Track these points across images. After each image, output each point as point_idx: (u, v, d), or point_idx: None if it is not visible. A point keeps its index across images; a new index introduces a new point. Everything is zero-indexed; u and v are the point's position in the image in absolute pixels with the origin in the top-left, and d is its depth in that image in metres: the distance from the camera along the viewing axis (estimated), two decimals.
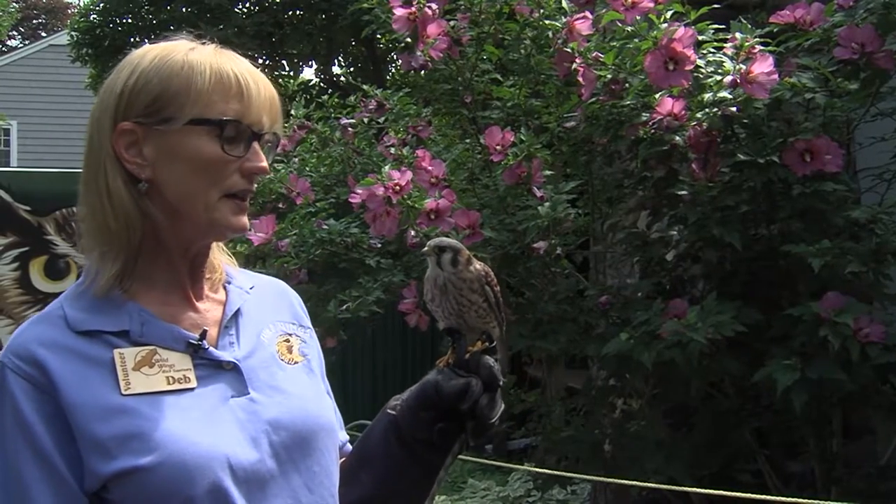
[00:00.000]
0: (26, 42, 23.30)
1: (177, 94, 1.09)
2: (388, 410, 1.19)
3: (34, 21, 26.60)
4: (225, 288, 1.20)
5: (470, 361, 1.15)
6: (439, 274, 1.18)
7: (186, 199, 1.10)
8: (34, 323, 1.10)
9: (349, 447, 1.31)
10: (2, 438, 1.03)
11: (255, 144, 1.13)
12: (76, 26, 11.81)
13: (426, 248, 1.19)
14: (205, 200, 1.10)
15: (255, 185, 1.16)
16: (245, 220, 1.14)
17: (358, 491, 1.20)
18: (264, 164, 1.14)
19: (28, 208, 7.32)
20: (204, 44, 1.15)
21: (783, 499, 2.33)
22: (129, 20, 11.27)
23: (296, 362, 1.20)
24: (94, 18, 11.40)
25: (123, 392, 1.04)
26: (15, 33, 24.57)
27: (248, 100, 1.11)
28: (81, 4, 13.58)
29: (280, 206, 3.96)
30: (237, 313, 1.17)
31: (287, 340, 1.21)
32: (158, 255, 1.13)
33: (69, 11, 24.72)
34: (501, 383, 1.15)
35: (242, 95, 1.11)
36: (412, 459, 1.16)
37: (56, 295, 1.16)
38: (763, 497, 2.33)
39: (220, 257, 1.22)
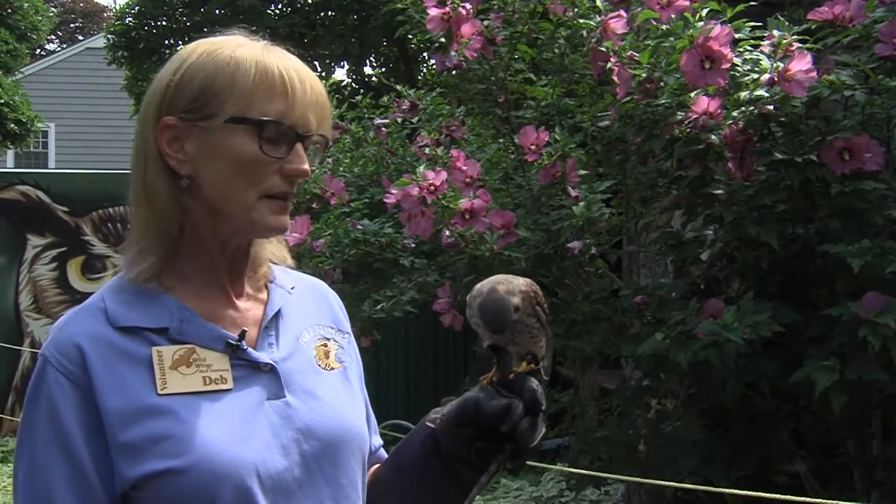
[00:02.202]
0: (64, 45, 23.67)
1: (220, 91, 1.07)
2: (428, 423, 1.17)
3: (71, 25, 27.03)
4: (267, 287, 1.19)
5: (514, 382, 1.12)
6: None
7: (225, 197, 1.08)
8: (75, 315, 1.09)
9: (383, 452, 1.30)
10: (34, 433, 1.04)
11: (298, 146, 1.10)
12: (112, 29, 11.99)
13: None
14: (243, 200, 1.08)
15: (295, 188, 1.13)
16: (286, 219, 1.11)
17: (391, 500, 1.19)
18: (305, 166, 1.10)
19: (66, 209, 7.45)
20: (256, 39, 1.13)
21: (821, 501, 2.30)
22: (164, 23, 11.42)
23: (332, 368, 1.18)
24: (130, 21, 11.56)
25: (159, 392, 1.04)
26: (53, 37, 24.98)
27: (292, 99, 1.08)
28: (117, 8, 13.77)
29: (314, 206, 3.99)
30: (278, 314, 1.16)
31: (325, 345, 1.19)
32: (199, 252, 1.12)
33: (105, 15, 25.09)
34: (544, 408, 1.12)
35: (287, 95, 1.08)
36: (448, 475, 1.14)
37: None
38: (801, 499, 2.31)
39: (266, 254, 1.20)
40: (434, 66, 4.50)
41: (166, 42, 11.20)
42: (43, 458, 1.02)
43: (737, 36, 2.65)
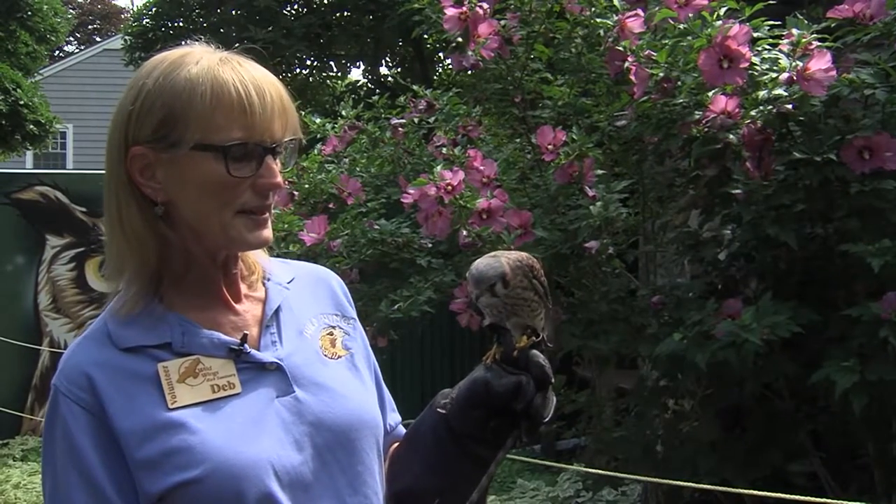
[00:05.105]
0: (82, 47, 23.83)
1: (179, 118, 1.07)
2: (438, 409, 1.17)
3: (89, 27, 27.20)
4: (264, 284, 1.20)
5: (519, 358, 1.12)
6: (496, 302, 1.13)
7: (202, 219, 1.09)
8: (82, 343, 1.11)
9: (402, 429, 1.30)
10: (53, 464, 1.06)
11: (268, 159, 1.09)
12: (129, 31, 12.10)
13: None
14: (219, 220, 1.09)
15: (272, 200, 1.13)
16: (265, 233, 1.12)
17: (409, 480, 1.18)
18: (276, 179, 1.10)
19: (84, 209, 7.48)
20: (214, 50, 1.12)
21: (840, 503, 2.28)
22: (181, 24, 11.50)
23: (339, 356, 1.19)
24: (147, 23, 11.65)
25: (170, 406, 1.05)
26: (71, 39, 25.15)
27: (251, 116, 1.07)
28: (134, 9, 13.86)
29: (331, 206, 4.00)
30: (277, 311, 1.17)
31: (331, 334, 1.21)
32: (190, 267, 1.13)
33: (123, 16, 25.25)
34: (553, 381, 1.12)
35: (246, 112, 1.07)
36: (464, 455, 1.14)
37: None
38: (819, 500, 2.29)
39: (255, 254, 1.21)
40: (450, 66, 4.50)
41: (183, 43, 11.25)
42: (64, 484, 1.05)
43: (755, 35, 2.64)
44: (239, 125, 1.07)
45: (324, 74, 12.33)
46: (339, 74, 12.58)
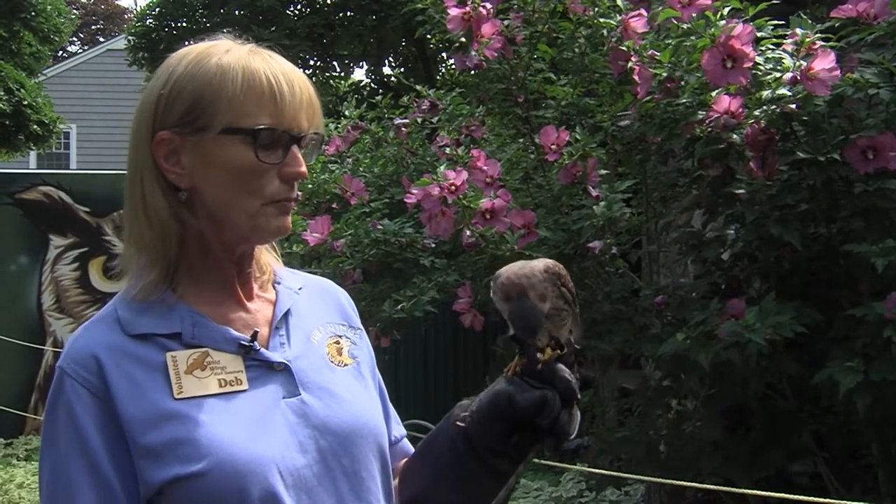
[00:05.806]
0: (85, 47, 23.86)
1: (210, 103, 1.08)
2: (458, 423, 1.15)
3: (93, 27, 27.24)
4: (274, 287, 1.20)
5: (544, 372, 1.09)
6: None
7: (227, 206, 1.10)
8: (90, 326, 1.11)
9: (407, 444, 1.30)
10: (55, 444, 1.05)
11: (294, 149, 1.10)
12: (133, 31, 12.12)
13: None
14: (246, 208, 1.09)
15: (297, 190, 1.14)
16: (288, 221, 1.13)
17: (424, 493, 1.18)
18: (303, 168, 1.11)
19: (87, 209, 7.51)
20: (242, 43, 1.13)
21: (843, 503, 2.28)
22: (184, 24, 11.51)
23: (345, 364, 1.19)
24: (150, 23, 11.67)
25: (176, 396, 1.05)
26: (75, 39, 25.18)
27: (281, 103, 1.08)
28: (138, 9, 13.88)
29: (334, 206, 4.00)
30: (287, 313, 1.17)
31: (337, 342, 1.20)
32: (206, 258, 1.13)
33: (126, 17, 25.28)
34: (579, 396, 1.10)
35: (276, 99, 1.08)
36: (484, 469, 1.13)
37: (113, 295, 1.17)
38: (822, 500, 2.29)
39: (267, 257, 1.22)
40: (453, 66, 4.51)
41: (186, 43, 11.26)
42: (65, 468, 1.04)
43: (759, 34, 2.64)
44: (269, 113, 1.08)
45: (327, 74, 12.34)
46: (343, 74, 12.61)
